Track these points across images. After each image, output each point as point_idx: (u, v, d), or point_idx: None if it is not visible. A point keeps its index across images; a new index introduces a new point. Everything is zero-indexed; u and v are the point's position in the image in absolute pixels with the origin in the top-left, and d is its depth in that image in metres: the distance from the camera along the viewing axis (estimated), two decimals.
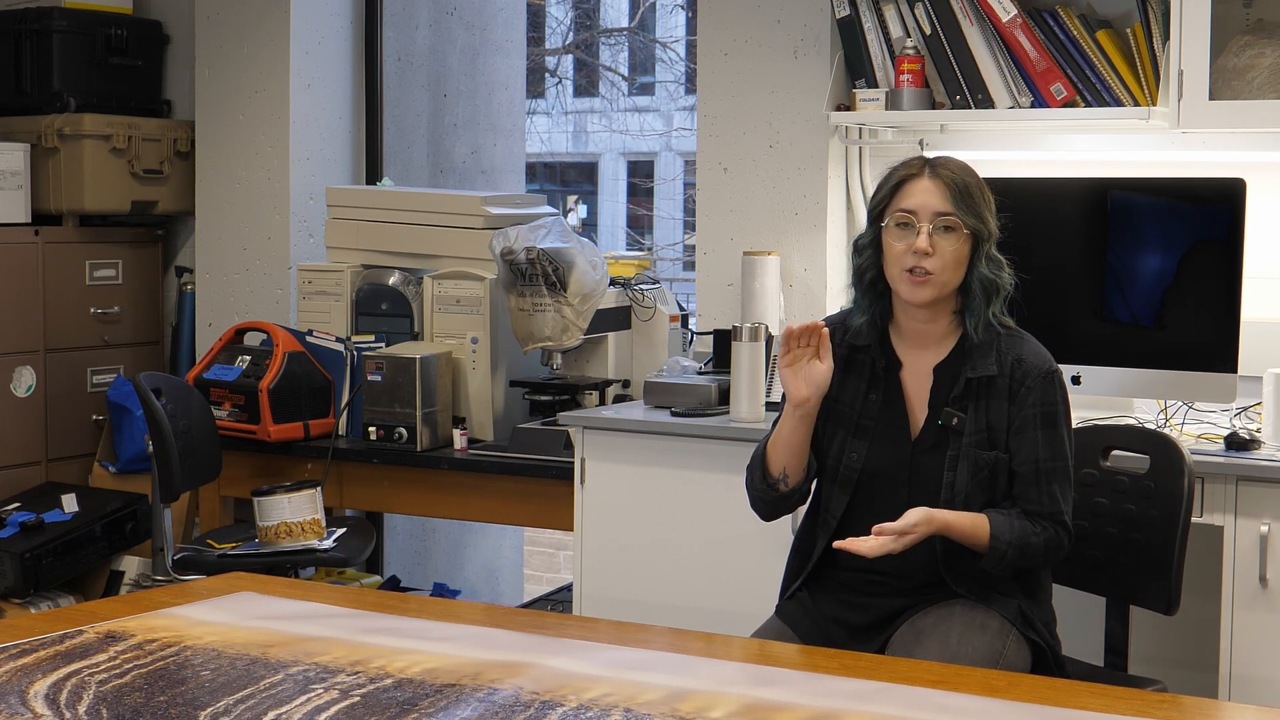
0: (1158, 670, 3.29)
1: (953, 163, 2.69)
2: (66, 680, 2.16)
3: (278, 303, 4.96)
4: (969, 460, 2.63)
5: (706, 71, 4.29)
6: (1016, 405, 2.64)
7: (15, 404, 4.84)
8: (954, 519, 2.59)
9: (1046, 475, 2.63)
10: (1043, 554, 2.62)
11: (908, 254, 2.62)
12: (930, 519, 2.56)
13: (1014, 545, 2.59)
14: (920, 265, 2.61)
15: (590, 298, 4.25)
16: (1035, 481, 2.63)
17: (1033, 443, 2.63)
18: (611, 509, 3.73)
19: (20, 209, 4.86)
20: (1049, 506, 2.62)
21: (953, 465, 2.64)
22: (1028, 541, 2.59)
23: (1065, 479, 2.65)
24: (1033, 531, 2.60)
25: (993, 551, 2.59)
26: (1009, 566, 2.61)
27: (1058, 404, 2.65)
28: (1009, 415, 2.64)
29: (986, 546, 2.58)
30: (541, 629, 2.50)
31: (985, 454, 2.63)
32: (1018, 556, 2.59)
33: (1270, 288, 3.63)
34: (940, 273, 2.62)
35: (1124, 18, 3.72)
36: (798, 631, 2.70)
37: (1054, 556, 2.65)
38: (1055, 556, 2.65)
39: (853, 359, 2.73)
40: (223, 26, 5.01)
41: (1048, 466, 2.63)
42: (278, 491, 4.01)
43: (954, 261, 2.63)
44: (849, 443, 2.70)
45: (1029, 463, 2.63)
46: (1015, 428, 2.63)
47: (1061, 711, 2.09)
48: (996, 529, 2.59)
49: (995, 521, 2.59)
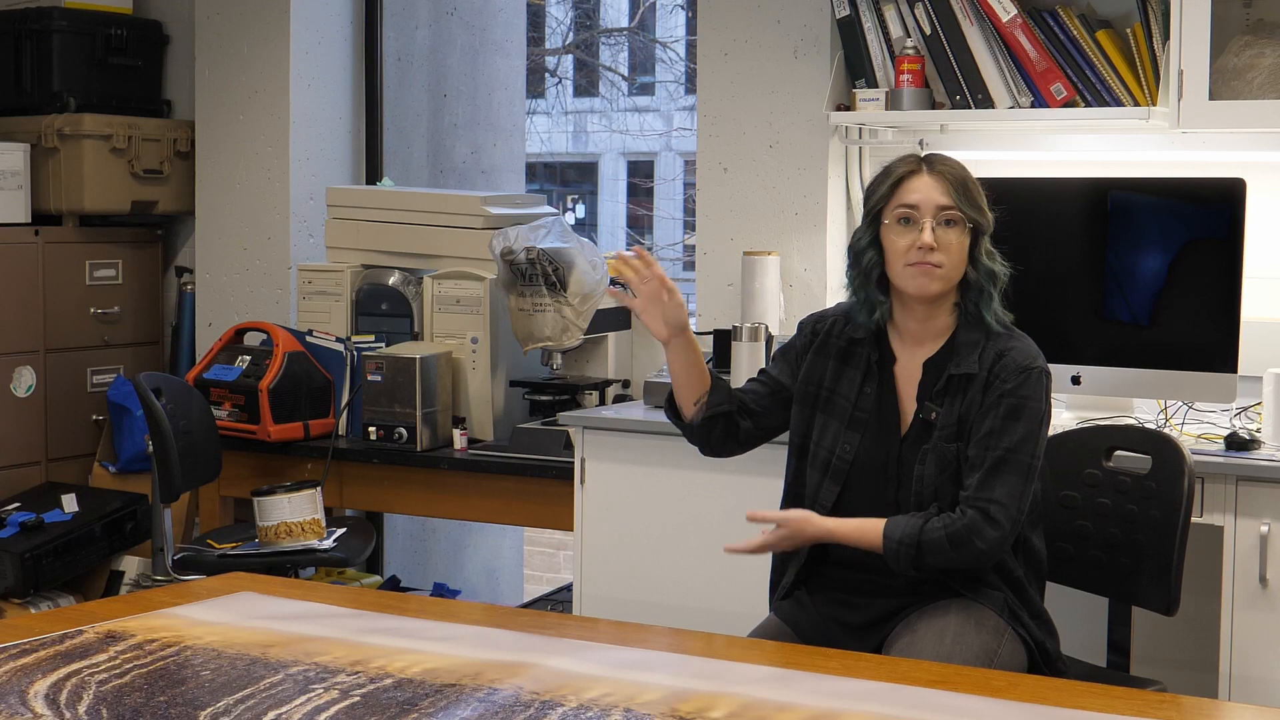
0: (1158, 670, 3.29)
1: (947, 159, 2.71)
2: (66, 680, 2.16)
3: (278, 303, 4.96)
4: (937, 453, 2.63)
5: (706, 72, 4.29)
6: (987, 395, 2.62)
7: (15, 404, 4.84)
8: (835, 525, 2.62)
9: (994, 463, 2.57)
10: (949, 547, 2.55)
11: (912, 249, 2.63)
12: (806, 519, 2.62)
13: (906, 543, 2.55)
14: (927, 259, 2.62)
15: (590, 298, 4.25)
16: (977, 466, 2.59)
17: (987, 429, 2.59)
18: (611, 509, 3.73)
19: (20, 209, 4.86)
20: (977, 493, 2.56)
21: (923, 458, 2.64)
22: (924, 538, 2.55)
23: (1017, 475, 2.58)
24: (933, 527, 2.55)
25: (887, 551, 2.57)
26: (914, 565, 2.57)
27: (1028, 398, 2.60)
28: (980, 405, 2.63)
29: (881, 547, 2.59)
30: (541, 629, 2.50)
31: (950, 446, 2.63)
32: (917, 553, 2.55)
33: (1270, 288, 3.63)
34: (947, 266, 2.63)
35: (1124, 18, 3.72)
36: (796, 630, 2.71)
37: (966, 551, 2.55)
38: (969, 551, 2.55)
39: (850, 351, 2.74)
40: (223, 26, 5.01)
41: (996, 455, 2.58)
42: (278, 491, 4.01)
43: (959, 254, 2.64)
44: (842, 434, 2.71)
45: (978, 447, 2.59)
46: (978, 413, 2.62)
47: (1061, 711, 2.09)
48: (889, 529, 2.58)
49: (890, 523, 2.59)
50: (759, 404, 2.82)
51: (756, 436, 2.84)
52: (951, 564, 2.58)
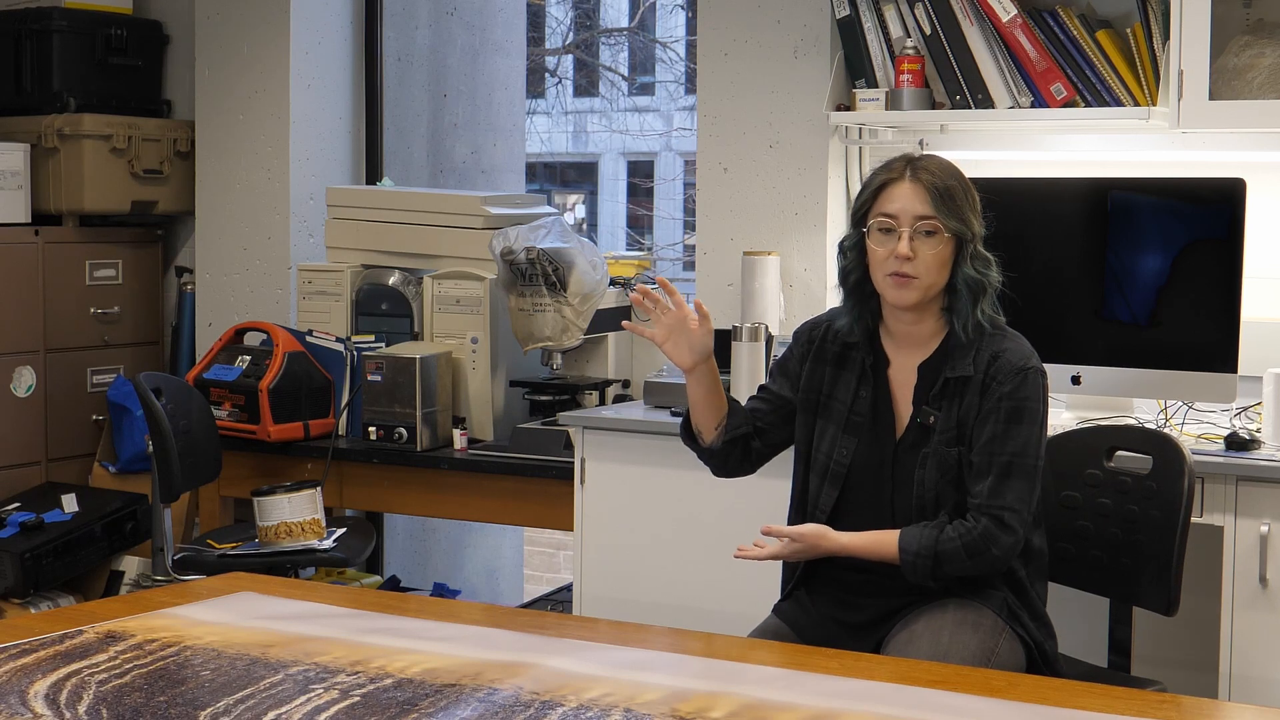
0: (1158, 670, 3.29)
1: (934, 164, 2.67)
2: (66, 680, 2.16)
3: (278, 303, 4.96)
4: (937, 458, 2.63)
5: (706, 71, 4.29)
6: (985, 399, 2.62)
7: (15, 404, 4.84)
8: (849, 541, 2.62)
9: (1000, 469, 2.58)
10: (965, 556, 2.56)
11: (890, 258, 2.62)
12: (821, 534, 2.62)
13: (923, 555, 2.56)
14: (902, 270, 2.61)
15: (590, 298, 4.25)
16: (985, 473, 2.59)
17: (990, 435, 2.59)
18: (611, 509, 3.73)
19: (20, 209, 4.86)
20: (988, 500, 2.57)
21: (924, 463, 2.64)
22: (941, 549, 2.55)
23: (1024, 478, 2.59)
24: (948, 537, 2.56)
25: (904, 564, 2.58)
26: (932, 576, 2.58)
27: (1027, 399, 2.60)
28: (979, 409, 2.63)
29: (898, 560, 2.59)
30: (541, 629, 2.50)
31: (951, 451, 2.63)
32: (934, 564, 2.56)
33: (1270, 288, 3.63)
34: (923, 276, 2.61)
35: (1124, 18, 3.72)
36: (796, 630, 2.71)
37: (983, 559, 2.56)
38: (985, 559, 2.56)
39: (845, 355, 2.74)
40: (223, 26, 5.01)
41: (1002, 460, 2.58)
42: (278, 491, 4.01)
43: (936, 265, 2.62)
44: (839, 438, 2.71)
45: (982, 453, 2.60)
46: (979, 419, 2.62)
47: (1061, 711, 2.09)
48: (904, 541, 2.58)
49: (904, 535, 2.59)
50: (764, 421, 2.81)
51: (765, 454, 2.85)
52: (968, 572, 2.58)
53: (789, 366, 2.81)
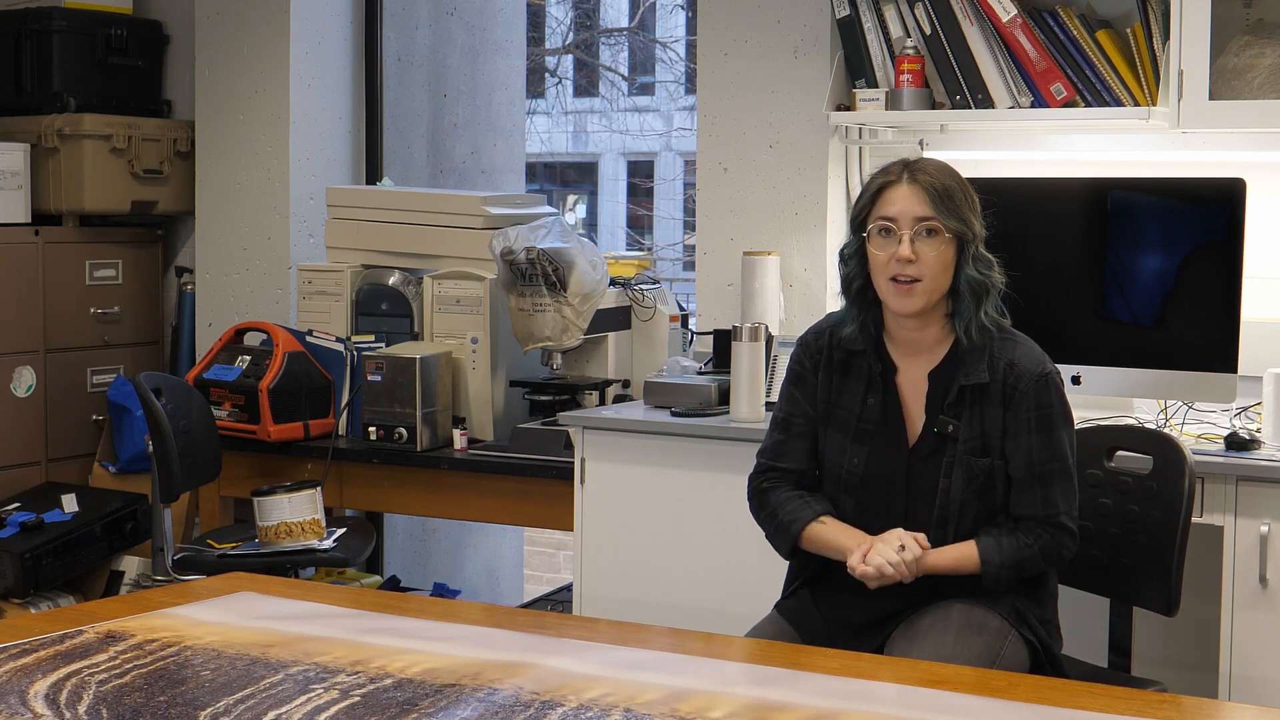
0: (1158, 670, 3.29)
1: (932, 165, 2.67)
2: (66, 680, 2.16)
3: (278, 303, 4.96)
4: (964, 467, 2.63)
5: (706, 71, 4.29)
6: (1011, 411, 2.63)
7: (15, 404, 4.84)
8: (936, 561, 2.61)
9: (1043, 479, 2.62)
10: (1042, 562, 2.64)
11: (891, 262, 2.61)
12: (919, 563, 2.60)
13: (1007, 565, 2.61)
14: (904, 273, 2.60)
15: (590, 298, 4.24)
16: (1030, 486, 2.63)
17: (1027, 448, 2.62)
18: (611, 509, 3.73)
19: (20, 209, 4.86)
20: (1043, 510, 2.62)
21: (948, 472, 2.64)
22: (1022, 556, 2.61)
23: (1065, 479, 2.64)
24: (1025, 544, 2.61)
25: (987, 576, 2.61)
26: (1011, 583, 2.63)
27: (1053, 406, 2.63)
28: (1004, 421, 2.63)
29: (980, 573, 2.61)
30: (541, 629, 2.50)
31: (979, 461, 2.63)
32: (1016, 573, 2.62)
33: (1270, 288, 3.63)
34: (926, 279, 2.60)
35: (1124, 18, 3.72)
36: (798, 629, 2.71)
37: (1056, 561, 2.67)
38: (1058, 561, 2.67)
39: (849, 363, 2.73)
40: (223, 26, 5.01)
41: (1044, 470, 2.62)
42: (278, 491, 4.01)
43: (939, 267, 2.61)
44: (849, 448, 2.70)
45: (1023, 468, 2.63)
46: (1010, 433, 2.63)
47: (1061, 711, 2.09)
48: (985, 554, 2.61)
49: (983, 546, 2.61)
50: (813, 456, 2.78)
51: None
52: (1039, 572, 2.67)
53: (806, 386, 2.76)
